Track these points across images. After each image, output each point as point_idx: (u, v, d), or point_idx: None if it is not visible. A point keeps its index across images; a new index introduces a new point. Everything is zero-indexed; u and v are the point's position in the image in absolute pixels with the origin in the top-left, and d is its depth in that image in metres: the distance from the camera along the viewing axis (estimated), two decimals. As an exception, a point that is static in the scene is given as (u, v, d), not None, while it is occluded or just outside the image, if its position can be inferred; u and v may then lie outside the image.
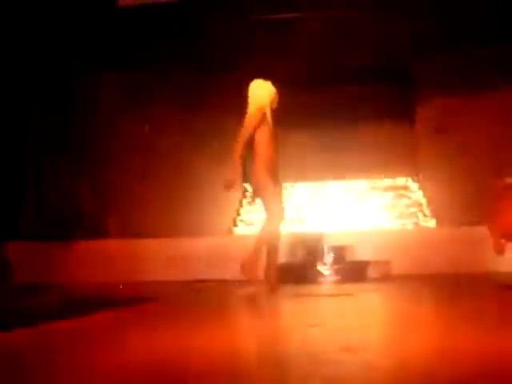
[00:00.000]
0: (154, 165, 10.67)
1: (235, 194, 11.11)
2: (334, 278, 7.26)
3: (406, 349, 2.29)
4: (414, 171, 11.22)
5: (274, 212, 5.36)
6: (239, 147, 5.39)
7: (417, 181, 11.21)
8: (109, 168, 10.74)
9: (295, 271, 7.04)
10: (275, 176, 5.51)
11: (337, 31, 9.87)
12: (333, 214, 10.77)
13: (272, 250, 5.51)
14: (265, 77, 5.74)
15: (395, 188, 11.31)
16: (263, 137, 5.46)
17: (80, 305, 4.45)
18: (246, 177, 5.55)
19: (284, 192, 5.77)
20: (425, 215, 10.60)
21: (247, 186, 7.71)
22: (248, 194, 10.01)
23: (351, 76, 10.77)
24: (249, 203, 9.75)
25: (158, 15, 9.48)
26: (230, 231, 10.64)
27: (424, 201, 10.83)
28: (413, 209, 10.80)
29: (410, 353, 2.20)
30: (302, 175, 10.83)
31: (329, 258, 7.53)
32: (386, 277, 7.25)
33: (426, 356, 2.12)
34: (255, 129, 5.44)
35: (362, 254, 7.88)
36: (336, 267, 7.39)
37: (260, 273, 5.43)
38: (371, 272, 7.36)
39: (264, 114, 5.48)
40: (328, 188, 11.48)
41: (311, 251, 7.71)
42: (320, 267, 7.40)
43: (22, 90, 9.34)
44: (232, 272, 7.21)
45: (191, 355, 2.27)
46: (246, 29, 9.96)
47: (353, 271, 7.33)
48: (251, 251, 5.28)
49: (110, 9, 9.33)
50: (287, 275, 6.44)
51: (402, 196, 11.13)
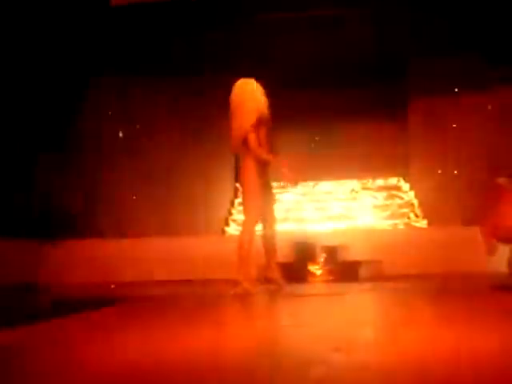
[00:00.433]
0: (146, 165, 10.64)
1: (226, 194, 11.11)
2: (326, 278, 7.26)
3: (398, 349, 2.29)
4: (406, 171, 11.23)
5: (250, 213, 5.35)
6: (251, 132, 5.34)
7: (408, 181, 11.22)
8: (100, 168, 10.71)
9: (287, 271, 7.03)
10: (265, 176, 5.48)
11: (329, 31, 9.89)
12: (324, 214, 10.77)
13: (270, 250, 5.50)
14: (255, 76, 5.71)
15: (387, 188, 11.32)
16: (258, 136, 5.42)
17: (65, 305, 4.43)
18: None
19: (274, 192, 5.74)
20: (416, 215, 10.61)
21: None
22: (240, 194, 9.99)
23: (343, 76, 10.78)
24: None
25: (150, 15, 9.46)
26: (222, 231, 10.62)
27: (416, 201, 10.85)
28: (404, 209, 10.81)
29: (402, 353, 2.20)
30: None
31: (320, 258, 7.53)
32: (378, 277, 7.25)
33: (418, 356, 2.12)
34: (253, 127, 5.40)
35: (354, 254, 7.89)
36: (328, 267, 7.39)
37: (253, 272, 5.43)
38: (363, 272, 7.36)
39: (261, 113, 5.44)
40: (320, 188, 11.48)
41: (303, 251, 7.71)
42: (311, 267, 7.40)
43: (13, 92, 9.31)
44: (223, 272, 7.21)
45: (177, 356, 2.26)
46: (238, 30, 9.96)
47: (344, 271, 7.34)
48: (237, 253, 5.29)
49: (104, 9, 9.30)
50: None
51: (394, 196, 11.14)
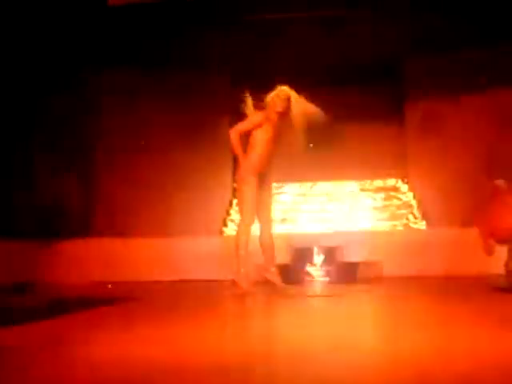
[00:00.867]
0: (143, 165, 10.62)
1: (225, 194, 11.09)
2: (324, 279, 7.24)
3: (395, 349, 2.27)
4: (405, 172, 11.22)
5: (246, 214, 5.33)
6: (234, 134, 5.34)
7: (407, 182, 11.21)
8: (97, 167, 10.69)
9: (284, 272, 7.01)
10: (263, 177, 5.46)
11: (325, 31, 9.87)
12: (323, 215, 10.76)
13: (267, 251, 5.48)
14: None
15: (385, 189, 11.31)
16: (262, 137, 5.41)
17: (61, 305, 4.40)
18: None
19: (272, 194, 5.72)
20: (415, 217, 10.60)
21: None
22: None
23: (340, 76, 10.76)
24: None
25: (148, 14, 9.43)
26: (220, 231, 10.60)
27: (414, 202, 10.83)
28: (403, 210, 10.80)
29: (400, 353, 2.18)
30: (292, 176, 10.80)
31: (318, 259, 7.51)
32: (376, 278, 7.23)
33: (416, 356, 2.10)
34: (254, 126, 5.39)
35: (352, 255, 7.87)
36: (326, 268, 7.37)
37: (250, 273, 5.41)
38: (361, 273, 7.34)
39: (267, 117, 5.43)
40: (318, 189, 11.46)
41: (301, 252, 7.68)
42: (309, 268, 7.38)
43: (12, 91, 9.29)
44: (221, 272, 7.19)
45: (173, 355, 2.23)
46: (236, 30, 9.94)
47: (342, 272, 7.32)
48: (235, 253, 5.28)
49: (101, 8, 9.26)
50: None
51: (392, 197, 11.13)
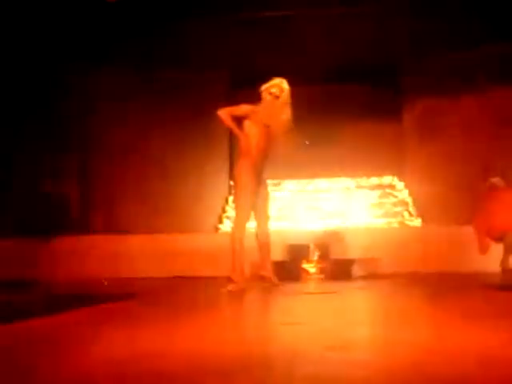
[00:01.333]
0: (140, 162, 10.61)
1: (221, 191, 11.08)
2: (320, 276, 7.25)
3: (392, 347, 2.27)
4: (400, 170, 11.23)
5: (242, 210, 5.34)
6: (223, 112, 5.31)
7: (403, 179, 11.23)
8: (95, 165, 10.68)
9: (280, 269, 7.02)
10: (260, 174, 5.45)
11: (323, 30, 9.87)
12: (318, 212, 10.77)
13: (263, 247, 5.49)
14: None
15: (381, 186, 11.32)
16: (251, 129, 5.40)
17: (57, 302, 4.39)
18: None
19: (269, 190, 5.73)
20: (410, 214, 10.62)
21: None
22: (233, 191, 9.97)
23: (338, 74, 10.76)
24: None
25: (143, 10, 9.41)
26: (216, 228, 10.60)
27: (410, 200, 10.85)
28: (399, 207, 10.82)
29: (396, 351, 2.18)
30: (288, 173, 10.81)
31: (314, 256, 7.52)
32: (372, 275, 7.24)
33: (412, 354, 2.11)
34: (241, 113, 5.37)
35: (348, 252, 7.88)
36: (321, 265, 7.38)
37: (245, 270, 5.42)
38: (356, 270, 7.35)
39: (252, 110, 5.41)
40: (314, 185, 11.47)
41: (297, 249, 7.69)
42: (305, 265, 7.38)
43: (12, 91, 9.27)
44: (216, 269, 7.20)
45: (166, 354, 2.23)
46: (233, 27, 9.93)
47: (338, 269, 7.32)
48: (230, 250, 5.29)
49: (95, 3, 9.23)
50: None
51: (388, 195, 11.14)
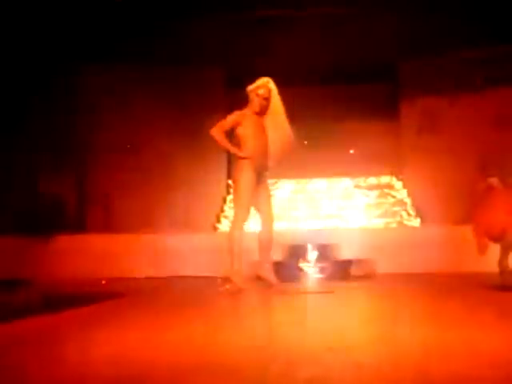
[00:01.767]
0: (137, 161, 10.59)
1: (218, 191, 11.07)
2: (318, 276, 7.23)
3: (390, 347, 2.26)
4: (399, 170, 11.23)
5: (241, 210, 5.32)
6: (215, 130, 5.32)
7: (401, 179, 11.22)
8: (92, 163, 10.65)
9: (279, 269, 7.01)
10: (261, 174, 5.44)
11: (321, 29, 9.86)
12: (316, 212, 10.75)
13: (265, 248, 5.47)
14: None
15: (379, 186, 11.31)
16: (244, 133, 5.38)
17: (52, 301, 4.38)
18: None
19: (270, 189, 5.71)
20: (409, 214, 10.61)
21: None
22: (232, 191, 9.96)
23: (336, 74, 10.75)
24: None
25: (141, 7, 9.38)
26: (214, 228, 10.59)
27: (408, 200, 10.84)
28: (397, 207, 10.81)
29: (394, 351, 2.17)
30: (286, 172, 10.79)
31: (312, 256, 7.50)
32: (370, 275, 7.23)
33: (411, 354, 2.10)
34: (232, 123, 5.37)
35: (346, 253, 7.87)
36: (319, 265, 7.37)
37: (243, 269, 5.40)
38: (355, 270, 7.34)
39: (241, 115, 5.41)
40: (312, 186, 11.46)
41: (295, 249, 7.68)
42: (303, 265, 7.37)
43: (11, 90, 9.24)
44: (214, 268, 7.18)
45: (167, 352, 2.22)
46: (231, 26, 9.92)
47: (336, 269, 7.31)
48: (228, 250, 5.27)
49: (95, 2, 9.21)
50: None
51: (387, 195, 11.13)
